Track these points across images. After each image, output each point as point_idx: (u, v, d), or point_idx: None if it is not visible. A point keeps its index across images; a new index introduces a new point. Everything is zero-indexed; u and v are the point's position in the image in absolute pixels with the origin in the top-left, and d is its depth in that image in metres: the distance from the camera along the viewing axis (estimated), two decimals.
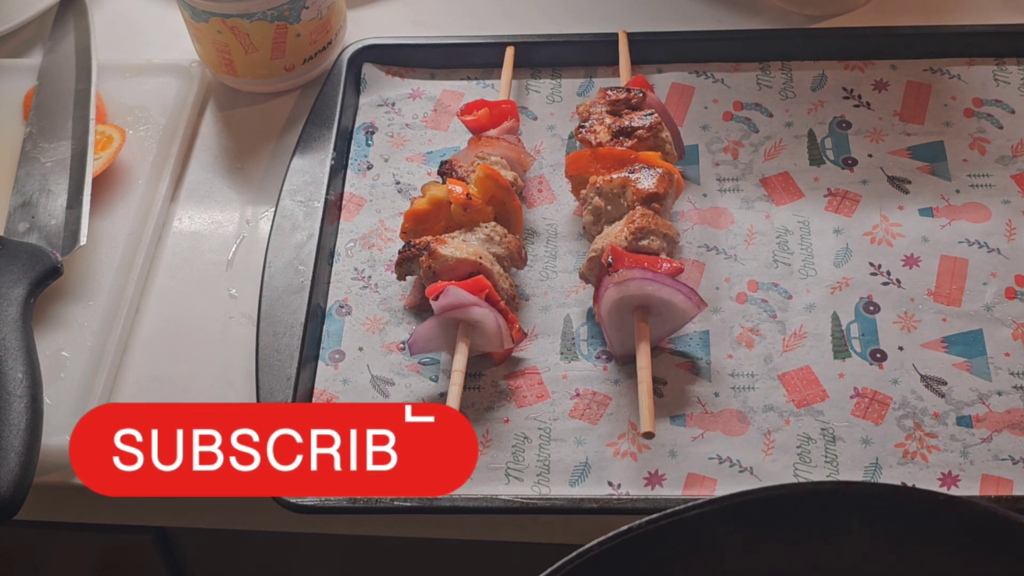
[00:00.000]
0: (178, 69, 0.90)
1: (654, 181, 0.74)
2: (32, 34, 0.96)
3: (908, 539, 0.54)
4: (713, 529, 0.54)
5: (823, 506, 0.54)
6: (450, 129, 0.85)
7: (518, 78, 0.87)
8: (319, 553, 0.82)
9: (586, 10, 0.94)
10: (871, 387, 0.70)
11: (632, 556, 0.53)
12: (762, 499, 0.54)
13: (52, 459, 0.69)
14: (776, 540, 0.55)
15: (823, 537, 0.55)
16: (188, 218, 0.84)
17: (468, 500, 0.66)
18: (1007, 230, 0.77)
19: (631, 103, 0.79)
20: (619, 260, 0.70)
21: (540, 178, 0.83)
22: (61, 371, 0.73)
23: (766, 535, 0.55)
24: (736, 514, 0.54)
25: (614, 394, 0.71)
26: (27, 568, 0.89)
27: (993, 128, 0.82)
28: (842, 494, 0.55)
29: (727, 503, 0.54)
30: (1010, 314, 0.73)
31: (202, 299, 0.79)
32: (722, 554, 0.55)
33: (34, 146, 0.84)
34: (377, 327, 0.75)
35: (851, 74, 0.86)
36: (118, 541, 0.82)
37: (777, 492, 0.54)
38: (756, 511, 0.54)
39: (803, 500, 0.54)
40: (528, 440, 0.69)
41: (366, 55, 0.89)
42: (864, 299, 0.74)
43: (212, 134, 0.89)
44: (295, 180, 0.81)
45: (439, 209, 0.75)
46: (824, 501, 0.54)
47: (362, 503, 0.67)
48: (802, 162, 0.81)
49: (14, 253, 0.75)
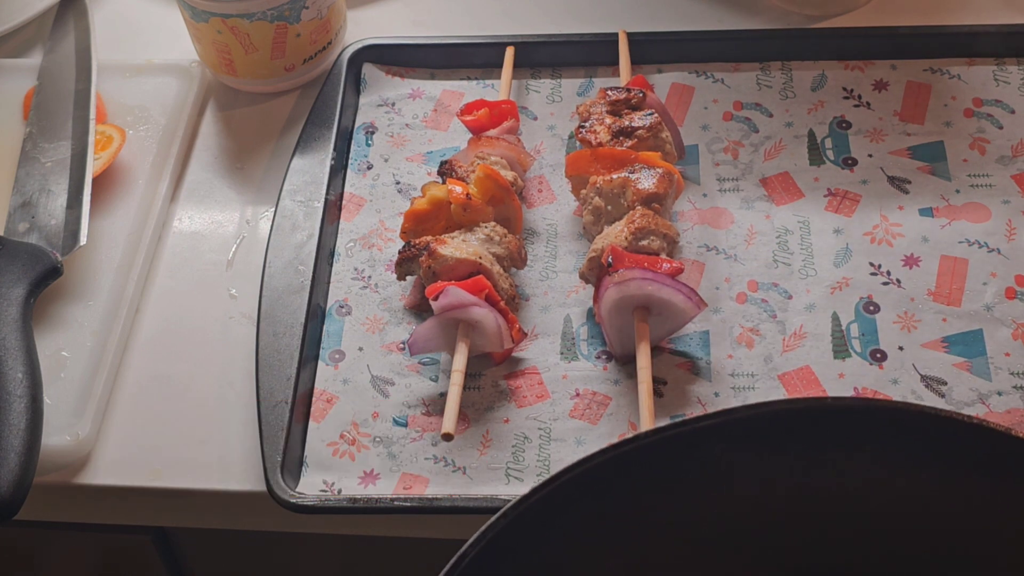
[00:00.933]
0: (178, 69, 0.90)
1: (654, 181, 0.74)
2: (32, 34, 0.96)
3: (927, 463, 0.52)
4: (721, 443, 0.52)
5: (842, 424, 0.52)
6: (450, 129, 0.85)
7: (518, 78, 0.87)
8: (319, 553, 0.82)
9: (586, 10, 0.94)
10: (871, 387, 0.70)
11: (633, 468, 0.51)
12: (776, 412, 0.51)
13: (52, 459, 0.70)
14: (788, 457, 0.53)
15: (840, 455, 0.52)
16: (188, 218, 0.84)
17: (468, 500, 0.66)
18: (1007, 230, 0.77)
19: (631, 103, 0.79)
20: (619, 260, 0.70)
21: (540, 178, 0.83)
22: (61, 371, 0.73)
23: (777, 451, 0.52)
24: (746, 428, 0.51)
25: (614, 394, 0.71)
26: (27, 568, 0.89)
27: (993, 128, 0.82)
28: (869, 411, 0.52)
29: (739, 415, 0.51)
30: (1010, 314, 0.73)
31: (202, 299, 0.79)
32: (730, 471, 0.53)
33: (34, 146, 0.84)
34: (377, 327, 0.75)
35: (851, 74, 0.86)
36: (118, 541, 0.82)
37: (795, 406, 0.51)
38: (768, 425, 0.51)
39: (823, 416, 0.52)
40: (528, 440, 0.69)
41: (366, 55, 0.89)
42: (864, 299, 0.74)
43: (212, 134, 0.89)
44: (295, 180, 0.81)
45: (439, 209, 0.75)
46: (847, 418, 0.52)
47: (362, 503, 0.67)
48: (802, 162, 0.81)
49: (14, 253, 0.75)
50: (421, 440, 0.70)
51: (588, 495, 0.51)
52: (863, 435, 0.52)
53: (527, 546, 0.51)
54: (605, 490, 0.51)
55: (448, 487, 0.68)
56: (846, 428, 0.52)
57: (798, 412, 0.51)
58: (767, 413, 0.51)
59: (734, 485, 0.54)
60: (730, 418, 0.51)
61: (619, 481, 0.52)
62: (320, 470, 0.69)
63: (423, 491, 0.68)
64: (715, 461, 0.52)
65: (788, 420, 0.51)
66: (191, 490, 0.70)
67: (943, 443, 0.51)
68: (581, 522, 0.52)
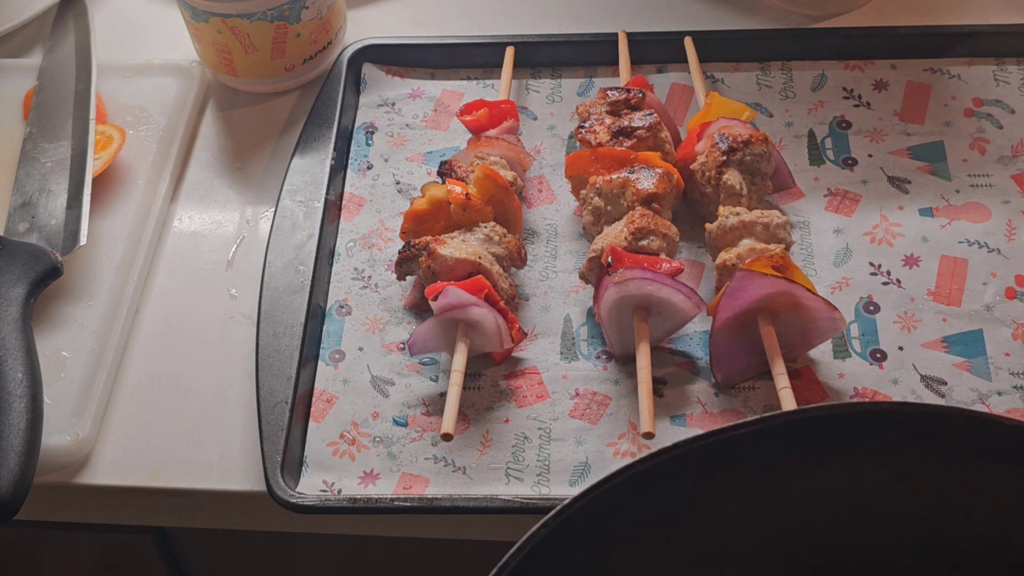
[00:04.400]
0: (178, 69, 0.90)
1: (654, 181, 0.74)
2: (32, 34, 0.96)
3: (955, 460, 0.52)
4: (755, 451, 0.52)
5: (873, 428, 0.52)
6: (450, 129, 0.85)
7: (518, 78, 0.88)
8: (319, 553, 0.82)
9: (586, 10, 0.94)
10: (871, 387, 0.70)
11: (665, 480, 0.52)
12: (809, 419, 0.52)
13: (52, 459, 0.70)
14: (820, 462, 0.53)
15: (868, 458, 0.53)
16: (188, 218, 0.84)
17: (468, 500, 0.66)
18: (1007, 230, 0.77)
19: (631, 103, 0.79)
20: (619, 260, 0.70)
21: (540, 178, 0.83)
22: (61, 371, 0.73)
23: (810, 458, 0.53)
24: (778, 436, 0.52)
25: (614, 394, 0.71)
26: (27, 568, 0.89)
27: (993, 128, 0.82)
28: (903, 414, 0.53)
29: (772, 423, 0.51)
30: (1010, 314, 0.73)
31: (202, 299, 0.79)
32: (769, 476, 0.53)
33: (34, 146, 0.84)
34: (377, 327, 0.75)
35: (851, 74, 0.86)
36: (118, 541, 0.82)
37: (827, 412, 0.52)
38: (801, 433, 0.52)
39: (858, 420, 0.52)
40: (528, 440, 0.69)
41: (366, 55, 0.89)
42: (864, 299, 0.74)
43: (212, 134, 0.89)
44: (295, 180, 0.81)
45: (439, 209, 0.75)
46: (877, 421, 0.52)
47: (362, 503, 0.67)
48: (802, 162, 0.81)
49: (14, 253, 0.75)
50: (421, 440, 0.70)
51: (630, 502, 0.52)
52: (902, 437, 0.52)
53: (569, 554, 0.51)
54: (646, 498, 0.52)
55: (448, 487, 0.68)
56: (885, 430, 0.52)
57: (838, 417, 0.52)
58: (804, 419, 0.51)
59: (776, 489, 0.54)
60: (768, 425, 0.51)
61: (661, 488, 0.52)
62: (320, 470, 0.69)
63: (423, 491, 0.68)
64: (753, 467, 0.53)
65: (828, 424, 0.52)
66: (191, 490, 0.70)
67: (979, 443, 0.51)
68: (624, 529, 0.53)
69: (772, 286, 0.68)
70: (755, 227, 0.72)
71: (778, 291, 0.68)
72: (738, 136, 0.75)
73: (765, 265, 0.69)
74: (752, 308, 0.69)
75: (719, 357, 0.70)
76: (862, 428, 0.52)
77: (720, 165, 0.75)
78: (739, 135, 0.75)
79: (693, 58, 0.84)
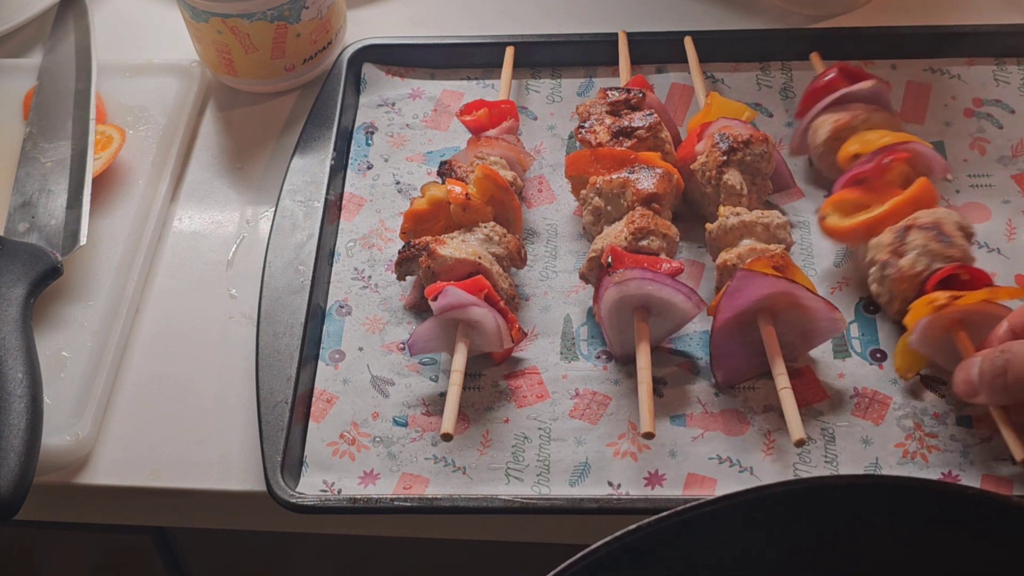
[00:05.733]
0: (178, 69, 0.90)
1: (654, 181, 0.74)
2: (32, 34, 0.96)
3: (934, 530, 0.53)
4: (735, 525, 0.53)
5: (853, 499, 0.53)
6: (450, 129, 0.85)
7: (518, 78, 0.88)
8: (319, 553, 0.82)
9: (586, 10, 0.94)
10: (871, 387, 0.70)
11: (646, 554, 0.53)
12: (793, 492, 0.53)
13: (52, 459, 0.70)
14: (802, 534, 0.54)
15: (848, 530, 0.54)
16: (188, 218, 0.84)
17: (468, 500, 0.66)
18: (1007, 230, 0.77)
19: (631, 103, 0.79)
20: (619, 260, 0.70)
21: (540, 178, 0.83)
22: (61, 371, 0.73)
23: (791, 530, 0.54)
24: (761, 507, 0.53)
25: (614, 394, 0.71)
26: (27, 568, 0.89)
27: (993, 128, 0.82)
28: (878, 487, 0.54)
29: (751, 496, 0.52)
30: None
31: (202, 299, 0.79)
32: (745, 552, 0.54)
33: (34, 146, 0.84)
34: (377, 327, 0.75)
35: None
36: (118, 541, 0.82)
37: (813, 484, 0.53)
38: (783, 505, 0.53)
39: (836, 493, 0.53)
40: (528, 440, 0.69)
41: (366, 55, 0.89)
42: (864, 299, 0.74)
43: (212, 134, 0.89)
44: (295, 180, 0.81)
45: (438, 209, 0.75)
46: (858, 494, 0.53)
47: (362, 503, 0.67)
48: (802, 162, 0.81)
49: (14, 253, 0.75)
50: (421, 440, 0.70)
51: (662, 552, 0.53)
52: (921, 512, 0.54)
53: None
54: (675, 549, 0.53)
55: (448, 487, 0.68)
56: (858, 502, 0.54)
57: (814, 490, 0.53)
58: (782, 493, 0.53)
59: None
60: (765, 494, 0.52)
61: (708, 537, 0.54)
62: (320, 470, 0.69)
63: (423, 491, 0.68)
64: (729, 543, 0.54)
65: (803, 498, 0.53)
66: (191, 490, 0.70)
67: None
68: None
69: (772, 286, 0.68)
70: (755, 227, 0.72)
71: (778, 291, 0.68)
72: (738, 136, 0.75)
73: (765, 265, 0.69)
74: (752, 308, 0.69)
75: (719, 357, 0.70)
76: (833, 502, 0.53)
77: (720, 165, 0.75)
78: (739, 135, 0.75)
79: (693, 58, 0.84)
